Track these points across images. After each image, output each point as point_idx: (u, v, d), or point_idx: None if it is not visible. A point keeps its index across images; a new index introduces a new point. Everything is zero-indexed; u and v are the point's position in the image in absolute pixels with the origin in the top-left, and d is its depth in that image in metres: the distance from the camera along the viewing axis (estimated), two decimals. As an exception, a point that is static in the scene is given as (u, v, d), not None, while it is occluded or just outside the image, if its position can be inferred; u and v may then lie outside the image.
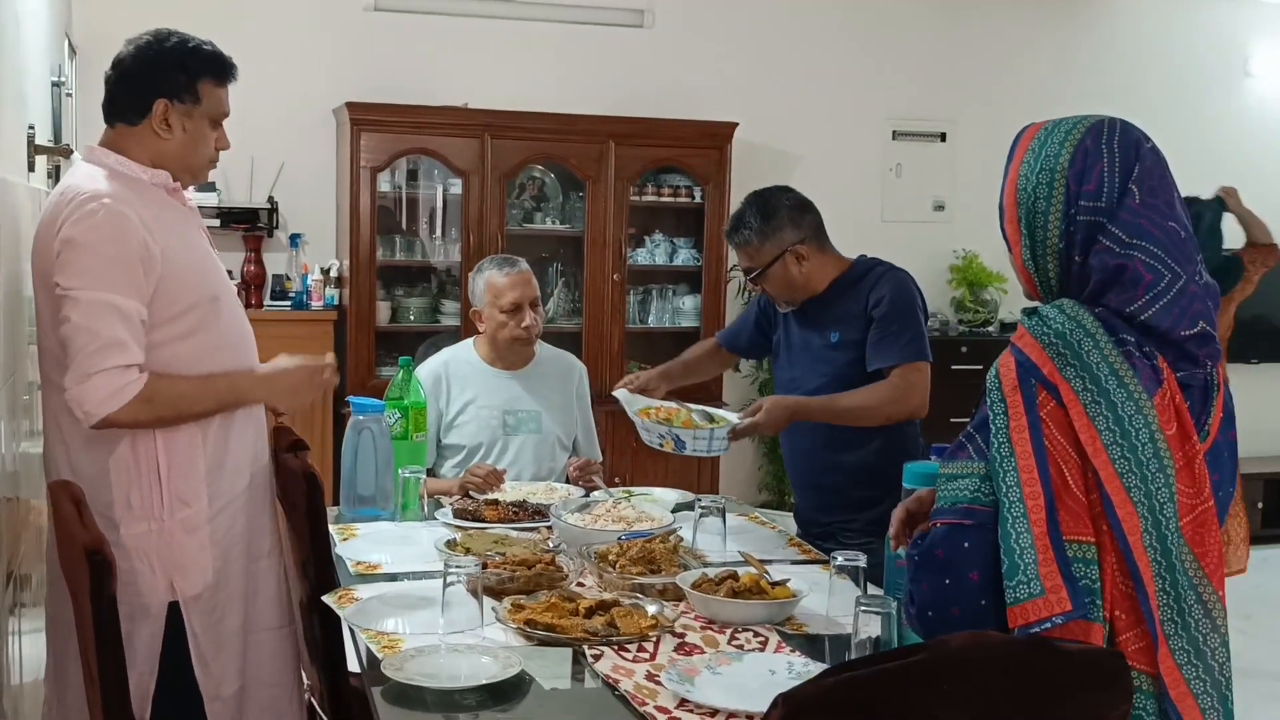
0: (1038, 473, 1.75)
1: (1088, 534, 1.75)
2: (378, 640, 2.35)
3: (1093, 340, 1.78)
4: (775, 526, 3.38)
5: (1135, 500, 1.73)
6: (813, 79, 6.85)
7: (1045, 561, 1.71)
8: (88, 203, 2.49)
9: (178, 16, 5.50)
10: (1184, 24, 7.45)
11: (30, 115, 3.28)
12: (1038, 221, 1.87)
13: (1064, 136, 1.88)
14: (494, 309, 3.82)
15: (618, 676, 2.19)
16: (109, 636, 2.07)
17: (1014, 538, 1.73)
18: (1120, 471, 1.74)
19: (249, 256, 5.87)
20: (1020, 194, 1.89)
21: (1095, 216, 1.83)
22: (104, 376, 2.43)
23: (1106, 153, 1.85)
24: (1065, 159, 1.86)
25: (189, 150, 2.67)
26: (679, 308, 6.51)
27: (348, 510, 3.31)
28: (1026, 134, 1.94)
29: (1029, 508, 1.74)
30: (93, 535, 2.11)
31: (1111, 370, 1.76)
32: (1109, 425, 1.75)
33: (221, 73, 2.69)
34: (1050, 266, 1.88)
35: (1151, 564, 1.74)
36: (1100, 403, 1.76)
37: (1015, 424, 1.78)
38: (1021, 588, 1.72)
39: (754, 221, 3.36)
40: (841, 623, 2.42)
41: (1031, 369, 1.80)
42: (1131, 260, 1.80)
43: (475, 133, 5.97)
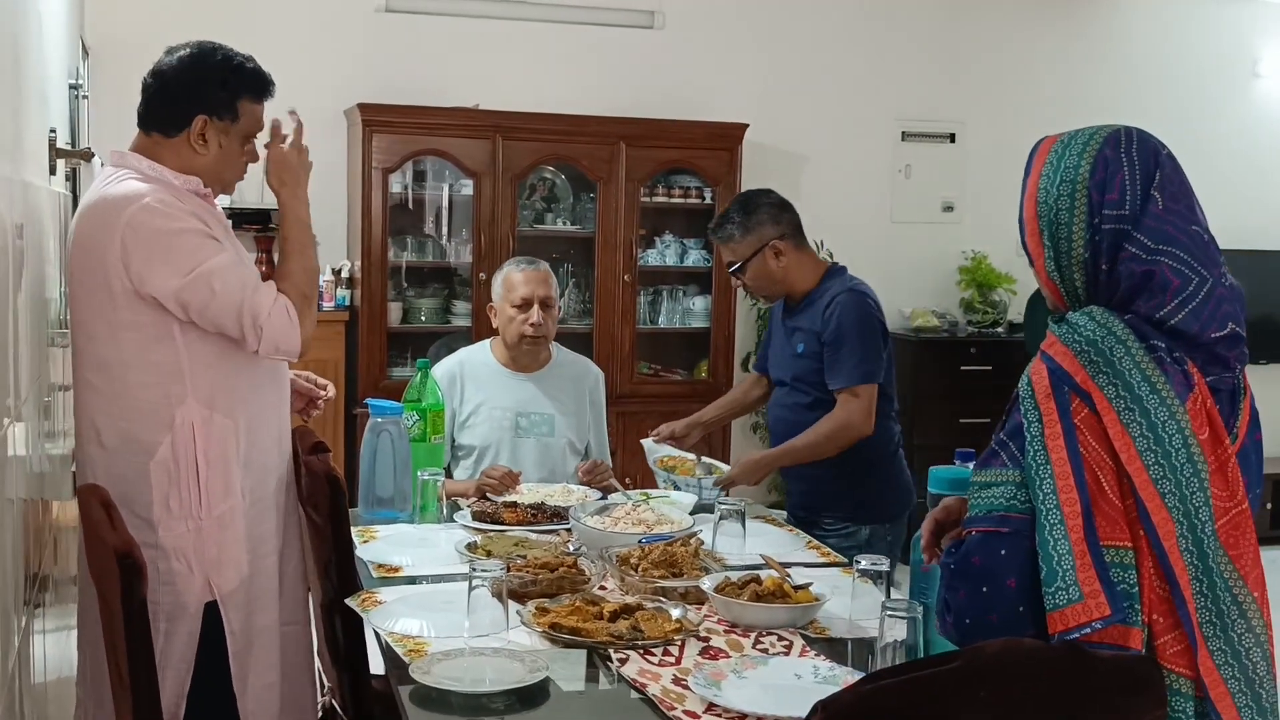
0: (1074, 479, 1.76)
1: (1125, 539, 1.76)
2: (403, 644, 2.36)
3: (1124, 347, 1.79)
4: (793, 530, 3.39)
5: (1170, 505, 1.74)
6: (822, 80, 6.86)
7: (1084, 567, 1.72)
8: (141, 199, 2.55)
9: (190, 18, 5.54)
10: (1193, 25, 7.45)
11: (51, 118, 3.29)
12: (1061, 233, 1.88)
13: (1082, 148, 1.89)
14: (506, 303, 3.85)
15: (645, 680, 2.19)
16: (139, 640, 2.08)
17: (1052, 544, 1.74)
18: (1155, 478, 1.75)
19: (260, 257, 5.87)
20: (1041, 206, 1.90)
21: (1120, 225, 1.84)
22: (270, 320, 2.57)
23: (1126, 161, 1.86)
24: (1086, 169, 1.87)
25: (222, 166, 2.72)
26: (689, 308, 6.51)
27: (366, 512, 3.32)
28: (1042, 147, 1.95)
29: (1066, 514, 1.75)
30: (123, 539, 2.12)
31: (1144, 376, 1.77)
32: (1143, 432, 1.76)
33: (261, 90, 2.73)
34: (1076, 277, 1.89)
35: (1188, 568, 1.75)
36: (1134, 409, 1.76)
37: (1050, 431, 1.79)
38: (1061, 594, 1.72)
39: (736, 217, 3.68)
40: (864, 626, 2.43)
41: (1064, 376, 1.81)
42: (1159, 265, 1.81)
43: (486, 134, 5.98)
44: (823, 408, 3.59)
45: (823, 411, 3.58)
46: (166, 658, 2.53)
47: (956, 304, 7.09)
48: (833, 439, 3.53)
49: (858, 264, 6.71)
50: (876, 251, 6.91)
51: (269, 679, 2.72)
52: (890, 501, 3.68)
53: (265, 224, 5.89)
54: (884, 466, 3.67)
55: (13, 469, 2.33)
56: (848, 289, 3.61)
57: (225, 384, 2.64)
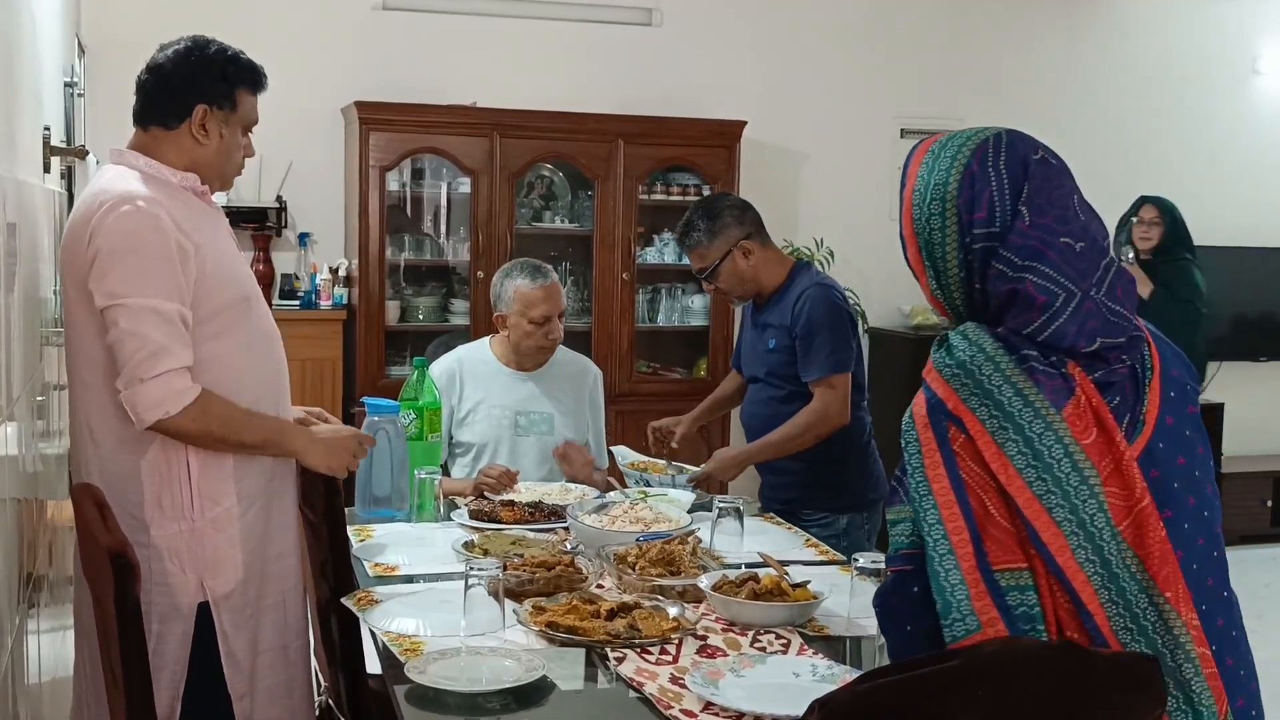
0: (959, 507, 1.71)
1: (1019, 560, 1.71)
2: (399, 643, 2.35)
3: (993, 364, 1.74)
4: (791, 528, 3.39)
5: (1060, 519, 1.69)
6: (821, 78, 6.85)
7: (978, 595, 1.68)
8: (120, 205, 2.50)
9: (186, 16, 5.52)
10: (1193, 22, 7.44)
11: (45, 116, 3.28)
12: (936, 253, 1.83)
13: (950, 161, 1.82)
14: (522, 319, 3.81)
15: (642, 679, 2.18)
16: (133, 640, 2.06)
17: (944, 575, 1.70)
18: (1039, 493, 1.70)
19: (258, 256, 5.87)
20: (916, 224, 1.85)
21: (989, 242, 1.79)
22: (158, 382, 2.46)
23: (994, 176, 1.80)
24: (954, 187, 1.81)
25: (223, 156, 2.69)
26: (688, 307, 6.50)
27: (363, 511, 3.31)
28: (915, 155, 1.89)
29: (954, 543, 1.70)
30: (116, 538, 2.10)
31: (1016, 391, 1.72)
32: (1020, 449, 1.71)
33: (256, 82, 2.72)
34: (956, 295, 1.85)
35: (1091, 578, 1.69)
36: (1007, 427, 1.71)
37: (930, 460, 1.75)
38: (958, 624, 1.69)
39: (701, 224, 3.73)
40: (863, 624, 2.42)
41: (938, 405, 1.76)
42: (1023, 283, 1.76)
43: (484, 132, 5.97)
44: (797, 400, 3.65)
45: (798, 405, 3.64)
46: (160, 659, 2.51)
47: (956, 302, 7.06)
48: (811, 429, 3.60)
49: (857, 262, 6.80)
50: (875, 249, 6.90)
51: (266, 683, 2.70)
52: (866, 490, 3.76)
53: (262, 222, 5.89)
54: (857, 456, 3.75)
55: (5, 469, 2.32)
56: (815, 283, 3.69)
57: (219, 387, 2.60)
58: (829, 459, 3.65)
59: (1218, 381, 7.29)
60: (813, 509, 3.67)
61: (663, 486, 3.62)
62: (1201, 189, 7.29)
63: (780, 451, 3.66)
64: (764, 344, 3.75)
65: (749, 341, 3.88)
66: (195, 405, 2.49)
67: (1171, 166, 7.08)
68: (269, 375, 2.75)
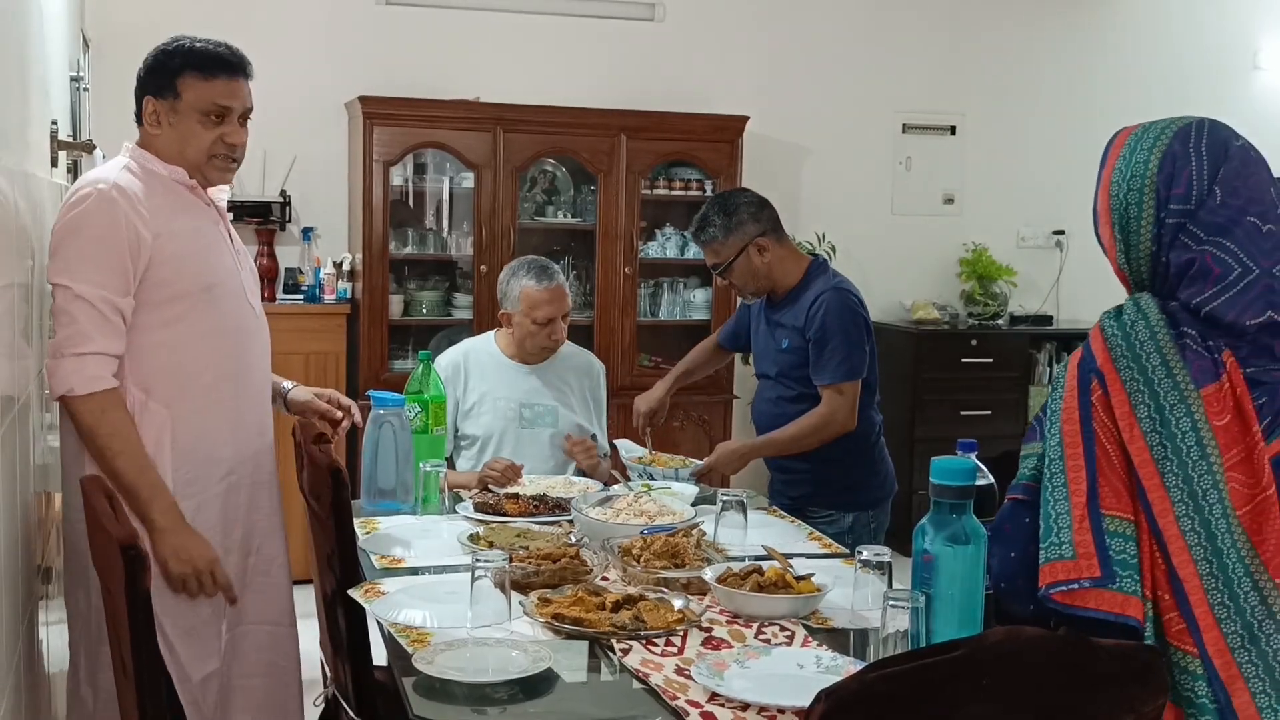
0: (1082, 449, 1.84)
1: (1128, 511, 1.82)
2: (406, 634, 2.36)
3: (1150, 331, 1.87)
4: (795, 521, 3.40)
5: (1170, 486, 1.80)
6: (823, 72, 6.85)
7: (1080, 530, 1.81)
8: (80, 189, 2.62)
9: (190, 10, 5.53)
10: (1193, 17, 7.45)
11: (53, 110, 3.29)
12: (1130, 227, 1.94)
13: (1152, 142, 1.95)
14: (526, 318, 3.83)
15: (647, 670, 2.20)
16: (143, 630, 2.08)
17: (1052, 504, 1.85)
18: (1156, 457, 1.81)
19: (261, 250, 5.88)
20: (1113, 200, 1.96)
21: (1181, 218, 1.90)
22: (75, 361, 2.54)
23: (1194, 156, 1.92)
24: (1154, 165, 1.93)
25: (181, 144, 2.75)
26: (690, 301, 6.51)
27: (368, 504, 3.33)
28: (1118, 140, 2.01)
29: (1070, 479, 1.84)
30: (126, 530, 2.12)
31: (1162, 360, 1.84)
32: (1150, 413, 1.82)
33: (205, 66, 2.74)
34: (1143, 266, 1.95)
35: (1192, 548, 1.79)
36: (1144, 391, 1.84)
37: (1067, 404, 1.88)
38: (1053, 549, 1.82)
39: (717, 219, 3.74)
40: (866, 617, 2.43)
41: (1089, 360, 1.89)
42: (1201, 255, 1.88)
43: (487, 126, 5.98)
44: (807, 401, 3.68)
45: (807, 405, 3.67)
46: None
47: (957, 296, 7.09)
48: (816, 433, 3.62)
49: (858, 256, 6.81)
50: (877, 244, 6.92)
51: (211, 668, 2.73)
52: (873, 488, 3.78)
53: (266, 217, 5.89)
54: (866, 455, 3.76)
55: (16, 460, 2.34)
56: (832, 287, 3.68)
57: (166, 373, 2.67)
58: (838, 458, 3.67)
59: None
60: (819, 506, 3.69)
61: (666, 480, 3.63)
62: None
63: (783, 450, 3.69)
64: (777, 343, 3.76)
65: (761, 337, 3.88)
66: (99, 399, 2.55)
67: (1173, 162, 7.08)
68: (230, 369, 2.79)
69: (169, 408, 2.67)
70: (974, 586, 2.17)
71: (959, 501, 2.18)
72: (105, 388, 2.56)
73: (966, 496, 2.19)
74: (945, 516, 2.18)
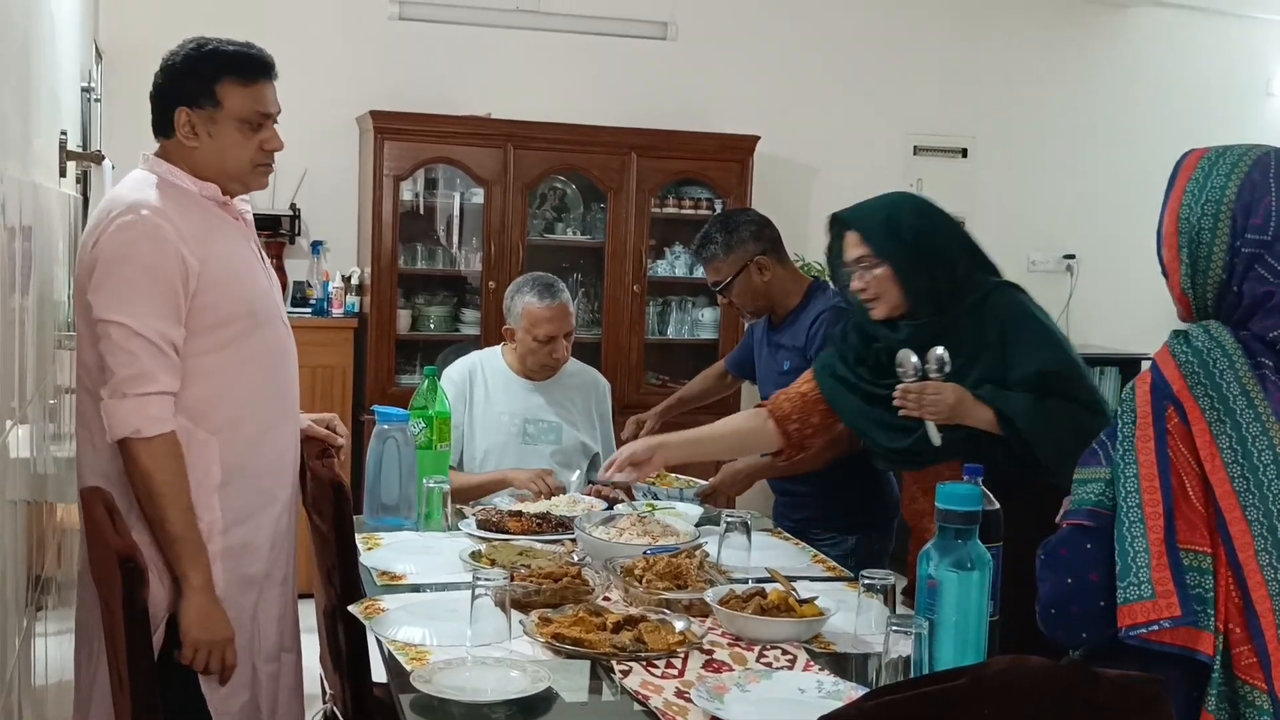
0: (1159, 480, 1.81)
1: (1204, 544, 1.80)
2: (405, 651, 2.35)
3: (1229, 360, 1.84)
4: (799, 543, 3.38)
5: (1252, 519, 1.78)
6: (834, 93, 6.85)
7: (1159, 567, 1.77)
8: (124, 214, 2.50)
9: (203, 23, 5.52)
10: (1206, 43, 7.44)
11: (62, 121, 3.29)
12: (1200, 252, 1.91)
13: (1230, 168, 1.92)
14: (528, 335, 3.84)
15: (647, 693, 2.18)
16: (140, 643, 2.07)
17: (1129, 540, 1.80)
18: (1238, 490, 1.79)
19: (271, 263, 5.87)
20: (1183, 223, 1.93)
21: (1258, 249, 1.87)
22: (139, 401, 2.46)
23: (1275, 186, 1.89)
24: (1233, 192, 1.90)
25: (221, 156, 2.63)
26: (698, 320, 6.50)
27: (371, 519, 3.32)
28: (1187, 162, 1.97)
29: (1147, 513, 1.80)
30: (125, 543, 2.11)
31: (1243, 390, 1.82)
32: (1231, 444, 1.80)
33: (244, 70, 2.62)
34: (1209, 294, 1.93)
35: (1269, 583, 1.77)
36: (1225, 421, 1.81)
37: (1141, 433, 1.84)
38: (1133, 589, 1.78)
39: (719, 236, 3.76)
40: (869, 641, 2.42)
41: (1163, 386, 1.86)
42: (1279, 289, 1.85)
43: (498, 143, 5.98)
44: None
45: None
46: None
47: (966, 319, 7.06)
48: (821, 454, 3.53)
49: (868, 278, 6.77)
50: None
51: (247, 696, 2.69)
52: (877, 511, 3.74)
53: (276, 230, 5.90)
54: (870, 478, 3.69)
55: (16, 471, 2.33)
56: (832, 306, 3.65)
57: (214, 400, 2.60)
58: (842, 480, 3.64)
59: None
60: (822, 528, 3.66)
61: (670, 500, 3.61)
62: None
63: (789, 471, 3.63)
64: (778, 365, 3.74)
65: (764, 361, 3.87)
66: (161, 443, 2.47)
67: (1184, 187, 7.06)
68: (273, 392, 2.73)
69: (218, 435, 2.60)
70: (978, 613, 2.15)
71: (964, 527, 2.16)
72: (169, 430, 2.49)
73: (972, 522, 2.18)
74: (950, 542, 2.17)
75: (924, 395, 2.77)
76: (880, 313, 2.95)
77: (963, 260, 2.92)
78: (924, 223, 2.94)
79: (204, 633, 2.52)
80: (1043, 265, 7.21)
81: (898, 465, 3.07)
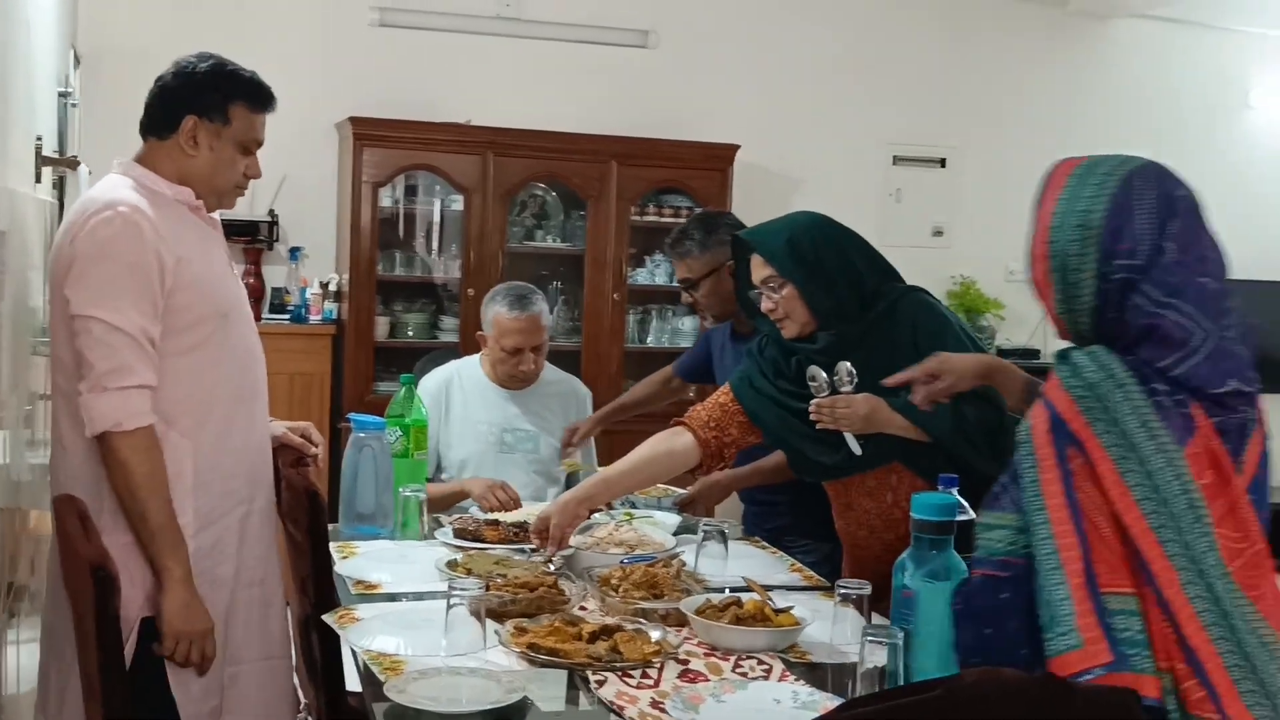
0: (1071, 525, 1.74)
1: (1127, 585, 1.74)
2: (379, 661, 2.34)
3: (1123, 391, 1.78)
4: (776, 552, 3.38)
5: (1171, 554, 1.72)
6: (815, 103, 6.86)
7: (1083, 613, 1.71)
8: (102, 211, 2.52)
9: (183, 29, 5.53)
10: (1185, 55, 7.47)
11: (38, 126, 3.28)
12: (1070, 278, 1.85)
13: (1097, 187, 1.85)
14: (496, 345, 3.83)
15: (622, 703, 2.17)
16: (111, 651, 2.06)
17: (1049, 589, 1.73)
18: (1154, 525, 1.73)
19: (248, 269, 5.86)
20: (1052, 246, 1.87)
21: (1130, 274, 1.81)
22: (120, 394, 2.46)
23: (1140, 209, 1.82)
24: (1099, 215, 1.83)
25: (213, 171, 2.68)
26: (678, 328, 6.50)
27: (347, 528, 3.30)
28: (1056, 174, 1.91)
29: (1064, 559, 1.73)
30: (97, 550, 2.10)
31: (1142, 422, 1.76)
32: (1140, 480, 1.74)
33: (257, 99, 2.71)
34: (1083, 319, 1.87)
35: (1200, 614, 1.71)
36: (1130, 457, 1.75)
37: (1046, 476, 1.78)
38: (1060, 639, 1.72)
39: (696, 234, 3.73)
40: (845, 651, 2.41)
41: (1061, 424, 1.79)
42: (1164, 319, 1.79)
43: (478, 150, 5.97)
44: None
45: None
46: None
47: (945, 329, 7.07)
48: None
49: (847, 287, 6.78)
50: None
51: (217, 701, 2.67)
52: None
53: (254, 236, 5.88)
54: None
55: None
56: None
57: (187, 401, 2.60)
58: (812, 487, 3.55)
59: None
60: (796, 535, 3.62)
61: (648, 508, 3.60)
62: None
63: (768, 479, 3.62)
64: None
65: (727, 368, 3.79)
66: (141, 436, 2.48)
67: (1162, 199, 7.07)
68: (245, 395, 2.74)
69: (189, 437, 2.61)
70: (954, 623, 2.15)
71: (939, 537, 2.16)
72: (149, 423, 2.49)
73: (947, 532, 2.17)
74: (925, 552, 2.17)
75: (836, 409, 2.81)
76: (791, 331, 2.99)
77: (868, 272, 2.98)
78: (824, 240, 3.00)
79: (185, 624, 2.53)
80: (1020, 275, 7.15)
81: (825, 477, 3.06)
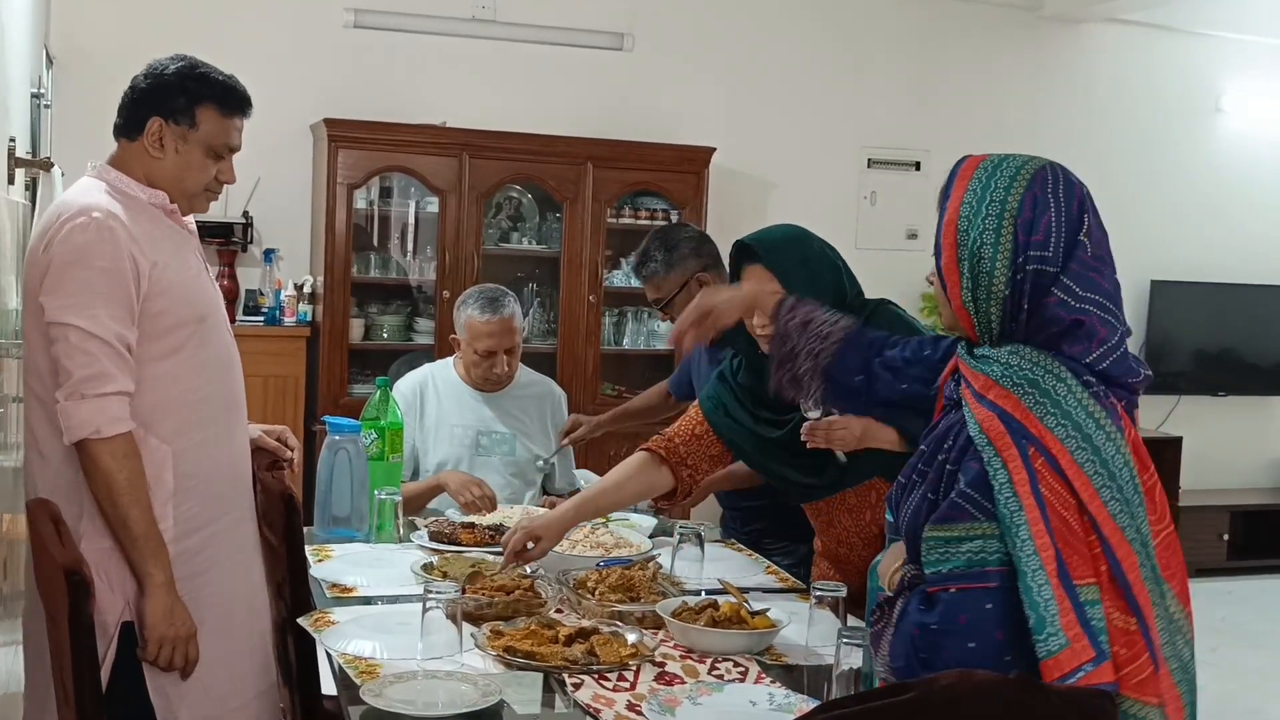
0: (1044, 524, 1.75)
1: (1090, 576, 1.76)
2: (355, 665, 2.33)
3: (1065, 385, 1.80)
4: (752, 554, 3.38)
5: (1130, 539, 1.77)
6: (790, 106, 6.89)
7: (1065, 611, 1.73)
8: (76, 217, 2.49)
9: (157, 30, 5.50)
10: (1157, 60, 7.53)
11: (11, 127, 3.26)
12: (982, 267, 1.85)
13: (1010, 180, 1.86)
14: (469, 348, 3.83)
15: (598, 706, 2.18)
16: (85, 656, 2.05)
17: (1035, 592, 1.73)
18: (1114, 513, 1.77)
19: (223, 271, 5.84)
20: (961, 234, 1.87)
21: (1044, 267, 1.83)
22: (98, 402, 2.44)
23: (1054, 203, 1.85)
24: (1014, 205, 1.84)
25: (180, 174, 2.65)
26: (654, 330, 6.51)
27: (322, 531, 3.29)
28: (964, 168, 1.92)
29: (1043, 560, 1.74)
30: (71, 555, 2.09)
31: (1089, 413, 1.79)
32: (1097, 469, 1.77)
33: (228, 102, 2.66)
34: (993, 311, 1.87)
35: (1152, 595, 1.77)
36: (1085, 447, 1.78)
37: (1018, 478, 1.78)
38: (1052, 640, 1.72)
39: (658, 254, 3.69)
40: (821, 653, 2.42)
41: (1019, 428, 1.80)
42: (1088, 315, 1.82)
43: (453, 152, 5.97)
44: None
45: None
46: None
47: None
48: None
49: (822, 289, 6.80)
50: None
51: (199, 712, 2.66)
52: None
53: (228, 238, 5.86)
54: None
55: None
56: None
57: (165, 405, 2.58)
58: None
59: (1177, 415, 7.36)
60: (774, 536, 3.62)
61: (624, 510, 3.60)
62: (1163, 225, 7.38)
63: (743, 483, 3.59)
64: None
65: (703, 378, 3.80)
66: (121, 442, 2.46)
67: (1134, 202, 7.13)
68: (225, 399, 2.72)
69: (169, 442, 2.58)
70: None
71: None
72: (127, 429, 2.47)
73: (922, 535, 2.18)
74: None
75: (831, 430, 2.79)
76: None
77: (849, 283, 2.97)
78: (816, 253, 2.98)
79: (169, 628, 2.52)
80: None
81: (811, 498, 3.05)
